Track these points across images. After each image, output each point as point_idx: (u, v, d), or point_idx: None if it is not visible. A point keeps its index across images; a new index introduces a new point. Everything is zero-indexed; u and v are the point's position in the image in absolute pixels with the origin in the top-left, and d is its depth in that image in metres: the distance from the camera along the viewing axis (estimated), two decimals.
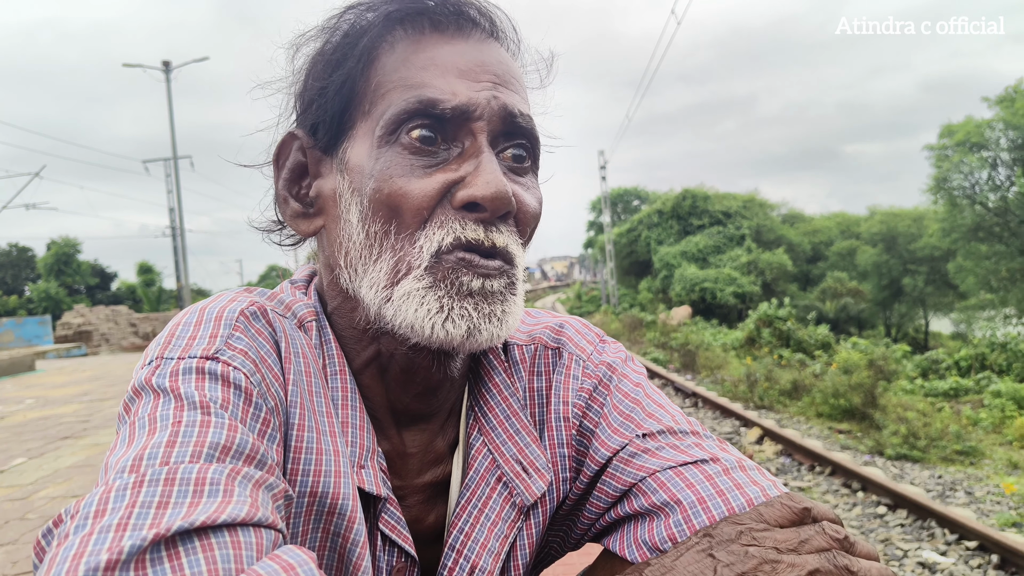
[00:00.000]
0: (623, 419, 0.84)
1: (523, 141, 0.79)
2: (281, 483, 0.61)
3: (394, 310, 0.72)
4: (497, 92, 0.75)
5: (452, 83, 0.73)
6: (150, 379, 0.65)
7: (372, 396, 0.82)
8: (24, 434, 8.31)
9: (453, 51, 0.75)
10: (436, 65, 0.74)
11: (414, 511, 0.84)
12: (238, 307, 0.74)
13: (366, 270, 0.74)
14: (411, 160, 0.72)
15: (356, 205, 0.75)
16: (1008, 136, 26.44)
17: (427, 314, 0.71)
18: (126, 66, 30.08)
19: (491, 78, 0.76)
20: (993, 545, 4.70)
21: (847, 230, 41.29)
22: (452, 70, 0.74)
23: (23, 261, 57.56)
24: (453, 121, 0.73)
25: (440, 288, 0.71)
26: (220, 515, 0.51)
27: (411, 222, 0.72)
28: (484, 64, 0.76)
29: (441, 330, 0.71)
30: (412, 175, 0.72)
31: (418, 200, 0.71)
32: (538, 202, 0.80)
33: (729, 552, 0.62)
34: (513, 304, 0.76)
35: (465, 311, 0.71)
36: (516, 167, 0.78)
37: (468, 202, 0.71)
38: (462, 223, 0.72)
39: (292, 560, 0.50)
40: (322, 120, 0.79)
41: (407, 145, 0.72)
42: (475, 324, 0.72)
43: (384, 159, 0.73)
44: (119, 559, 0.47)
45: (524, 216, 0.77)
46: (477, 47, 0.77)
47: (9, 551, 4.31)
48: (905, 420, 8.65)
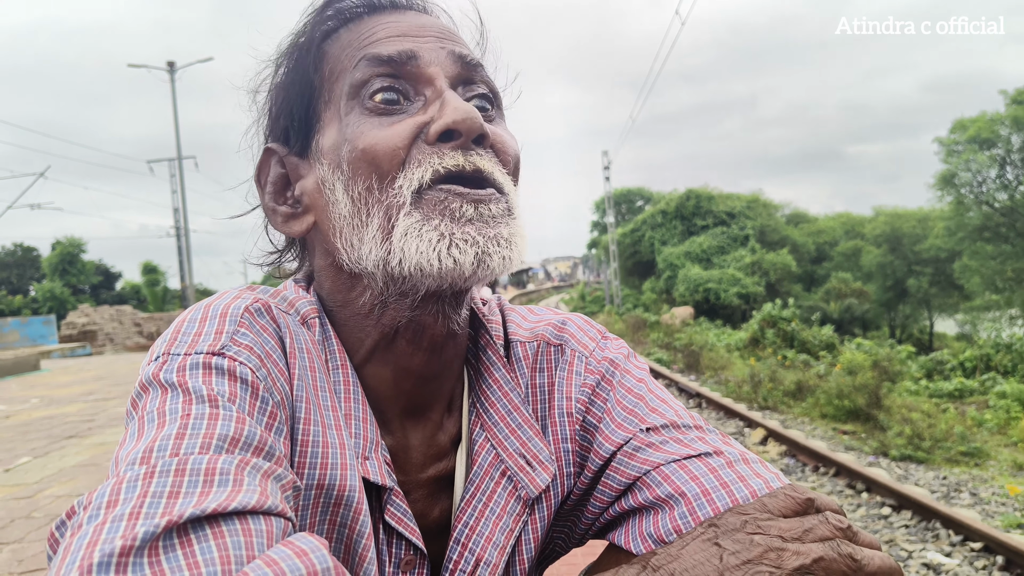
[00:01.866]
0: (626, 414, 0.84)
1: (483, 90, 0.81)
2: (289, 474, 0.62)
3: (398, 256, 0.72)
4: (442, 44, 0.78)
5: (395, 40, 0.77)
6: (157, 374, 0.66)
7: (376, 387, 0.82)
8: (29, 433, 8.35)
9: (391, 21, 0.80)
10: (376, 32, 0.78)
11: (418, 505, 0.84)
12: (242, 304, 0.75)
13: (361, 236, 0.75)
14: (379, 119, 0.74)
15: (339, 180, 0.76)
16: (1020, 134, 26.36)
17: (430, 245, 0.70)
18: (131, 66, 30.19)
19: (434, 34, 0.79)
20: (998, 546, 4.68)
21: (851, 231, 41.24)
22: (394, 32, 0.78)
23: (28, 261, 57.78)
24: (406, 71, 0.75)
25: (434, 217, 0.71)
26: (231, 503, 0.52)
27: (389, 168, 0.73)
28: (424, 26, 0.80)
29: (448, 258, 0.70)
30: (382, 126, 0.74)
31: (392, 142, 0.73)
32: (512, 139, 0.81)
33: (734, 541, 0.62)
34: (517, 228, 0.75)
35: (468, 235, 0.71)
36: (482, 115, 0.78)
37: (441, 132, 0.72)
38: (439, 155, 0.72)
39: (305, 546, 0.51)
40: (291, 125, 0.82)
41: (371, 108, 0.75)
42: (482, 248, 0.71)
43: (352, 123, 0.75)
44: (133, 545, 0.47)
45: (502, 147, 0.78)
46: (415, 17, 0.82)
47: (15, 549, 4.32)
48: (910, 421, 8.63)
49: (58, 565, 0.48)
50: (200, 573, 0.47)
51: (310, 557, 0.50)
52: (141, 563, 0.47)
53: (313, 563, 0.50)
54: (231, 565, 0.49)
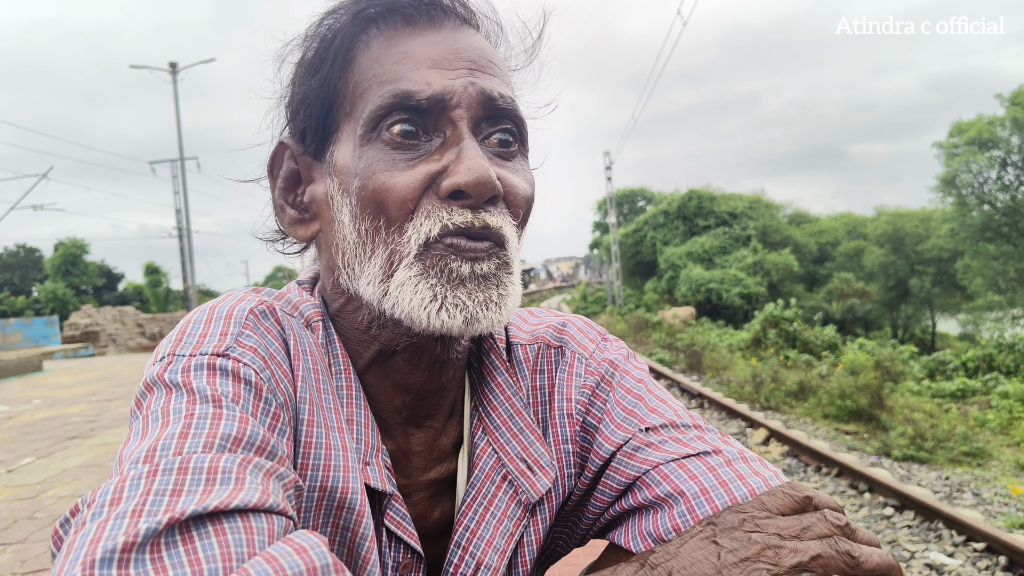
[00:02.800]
0: (626, 414, 0.85)
1: (507, 125, 0.79)
2: (292, 474, 0.62)
3: (392, 302, 0.73)
4: (474, 78, 0.75)
5: (426, 74, 0.74)
6: (162, 375, 0.67)
7: (377, 395, 0.83)
8: (32, 434, 8.36)
9: (425, 42, 0.76)
10: (409, 58, 0.75)
11: (419, 508, 0.85)
12: (248, 306, 0.75)
13: (362, 268, 0.75)
14: (393, 155, 0.73)
15: (347, 205, 0.75)
16: (1021, 135, 26.31)
17: (421, 303, 0.71)
18: (133, 67, 30.23)
19: (466, 64, 0.76)
20: (1001, 547, 4.68)
21: (854, 231, 41.17)
22: (425, 61, 0.74)
23: (30, 262, 57.88)
24: (431, 111, 0.73)
25: (431, 276, 0.72)
26: (232, 501, 0.52)
27: (397, 215, 0.72)
28: (458, 51, 0.76)
29: (437, 319, 0.71)
30: (395, 169, 0.72)
31: (402, 192, 0.72)
32: (529, 184, 0.80)
33: (732, 539, 0.63)
34: (509, 286, 0.76)
35: (459, 300, 0.72)
36: (503, 152, 0.78)
37: (452, 191, 0.72)
38: (448, 211, 0.72)
39: (304, 543, 0.51)
40: (309, 126, 0.80)
41: (388, 141, 0.73)
42: (472, 313, 0.72)
43: (367, 157, 0.74)
44: (135, 542, 0.48)
45: (514, 199, 0.77)
46: (451, 35, 0.78)
47: (18, 550, 4.33)
48: (912, 421, 8.62)
49: (62, 561, 0.49)
50: (201, 569, 0.48)
51: (309, 554, 0.50)
52: (143, 559, 0.48)
53: (312, 559, 0.50)
54: (232, 562, 0.49)
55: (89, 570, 0.46)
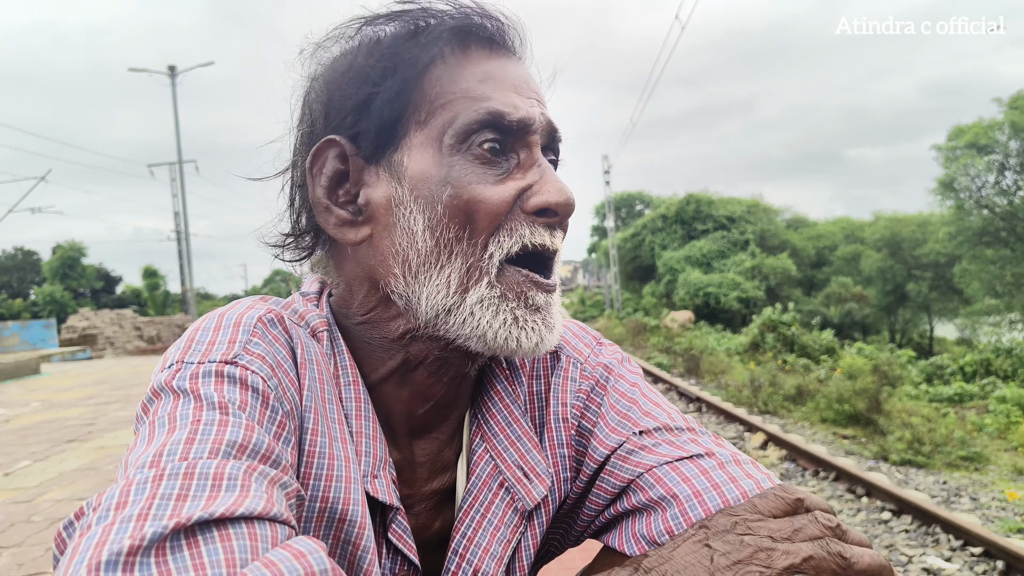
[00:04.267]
0: (620, 418, 0.86)
1: (553, 157, 0.85)
2: (295, 483, 0.63)
3: (463, 317, 0.76)
4: (543, 108, 0.81)
5: (511, 97, 0.78)
6: (170, 381, 0.67)
7: (391, 405, 0.83)
8: (29, 437, 8.34)
9: (500, 67, 0.80)
10: (493, 80, 0.78)
11: (421, 518, 0.85)
12: (256, 314, 0.76)
13: (429, 277, 0.76)
14: (483, 169, 0.76)
15: (422, 213, 0.75)
16: (1018, 140, 26.37)
17: (503, 324, 0.76)
18: (132, 70, 30.26)
19: (534, 95, 0.81)
20: (998, 551, 4.68)
21: (851, 235, 41.21)
22: (508, 85, 0.79)
23: (28, 265, 57.81)
24: (515, 133, 0.77)
25: (511, 300, 0.77)
26: (238, 508, 0.53)
27: (485, 227, 0.75)
28: (527, 81, 0.82)
29: (513, 340, 0.76)
30: (486, 182, 0.76)
31: (496, 206, 0.75)
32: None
33: (725, 542, 0.63)
34: (559, 313, 0.83)
35: (536, 324, 0.78)
36: None
37: (541, 208, 0.76)
38: (532, 228, 0.77)
39: (303, 548, 0.52)
40: (367, 129, 0.78)
41: (478, 155, 0.76)
42: (542, 337, 0.78)
43: (458, 167, 0.75)
44: (141, 545, 0.48)
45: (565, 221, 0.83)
46: (516, 64, 0.83)
47: (15, 553, 4.32)
48: (910, 426, 8.62)
49: (66, 564, 0.49)
50: (205, 574, 0.48)
51: (308, 559, 0.51)
52: (148, 562, 0.48)
53: (311, 564, 0.51)
54: (236, 568, 0.49)
55: (94, 572, 0.46)
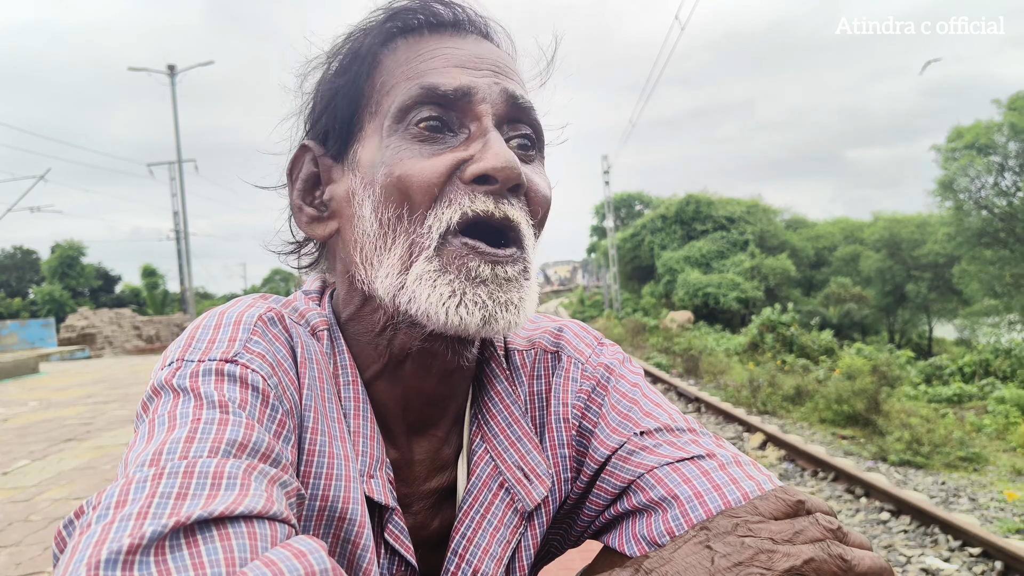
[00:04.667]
0: (621, 418, 0.86)
1: (527, 131, 0.80)
2: (294, 482, 0.63)
3: (409, 296, 0.74)
4: (497, 79, 0.78)
5: (451, 72, 0.76)
6: (170, 380, 0.67)
7: (385, 403, 0.83)
8: (27, 436, 8.34)
9: (451, 46, 0.79)
10: (436, 58, 0.77)
11: (419, 517, 0.85)
12: (256, 312, 0.75)
13: (380, 260, 0.76)
14: (420, 146, 0.74)
15: (369, 198, 0.76)
16: (1018, 141, 26.38)
17: (440, 299, 0.72)
18: (132, 70, 30.24)
19: (491, 67, 0.79)
20: (997, 552, 4.68)
21: (851, 235, 41.22)
22: (452, 61, 0.77)
23: (27, 264, 57.77)
24: (457, 105, 0.75)
25: (450, 272, 0.72)
26: (237, 507, 0.53)
27: (421, 200, 0.73)
28: (483, 57, 0.79)
29: (455, 316, 0.72)
30: (421, 156, 0.74)
31: (428, 177, 0.73)
32: (548, 187, 0.82)
33: (726, 543, 0.63)
34: (528, 290, 0.76)
35: (479, 298, 0.72)
36: (522, 155, 0.80)
37: (478, 175, 0.72)
38: (471, 196, 0.73)
39: (303, 547, 0.52)
40: (331, 128, 0.81)
41: (415, 133, 0.75)
42: (490, 312, 0.72)
43: (393, 146, 0.75)
44: (140, 544, 0.48)
45: (535, 196, 0.78)
46: (474, 45, 0.81)
47: (12, 553, 4.32)
48: (908, 426, 8.63)
49: (66, 562, 0.49)
50: (205, 573, 0.48)
51: (308, 558, 0.51)
52: (148, 561, 0.48)
53: (311, 564, 0.50)
54: (235, 567, 0.49)
55: (94, 571, 0.46)
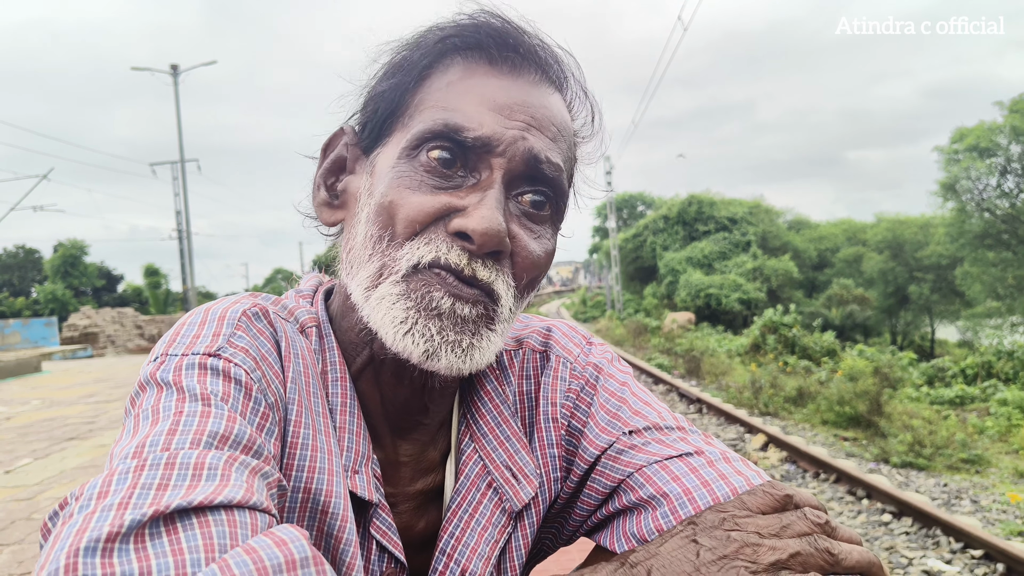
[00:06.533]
0: (610, 417, 0.86)
1: (546, 190, 0.78)
2: (276, 473, 0.63)
3: (368, 311, 0.75)
4: (528, 134, 0.75)
5: (483, 114, 0.74)
6: (155, 374, 0.68)
7: (369, 402, 0.84)
8: (30, 435, 8.35)
9: (497, 86, 0.77)
10: (474, 95, 0.76)
11: (405, 517, 0.85)
12: (241, 308, 0.76)
13: (359, 269, 0.77)
14: (423, 177, 0.74)
15: (368, 207, 0.78)
16: (1020, 143, 26.33)
17: (391, 321, 0.73)
18: (135, 69, 30.30)
19: (526, 119, 0.76)
20: (999, 554, 4.67)
21: (853, 237, 41.18)
22: (488, 103, 0.75)
23: (30, 263, 57.88)
24: (473, 151, 0.74)
25: (410, 299, 0.73)
26: (217, 496, 0.53)
27: (402, 232, 0.74)
28: (524, 104, 0.76)
29: (401, 341, 0.72)
30: (418, 190, 0.74)
31: (412, 213, 0.73)
32: (545, 253, 0.79)
33: (712, 537, 0.63)
34: (486, 340, 0.75)
35: (428, 330, 0.72)
36: (532, 213, 0.78)
37: (459, 231, 0.72)
38: (448, 246, 0.72)
39: (284, 536, 0.52)
40: (369, 122, 0.83)
41: (424, 163, 0.75)
42: (435, 347, 0.72)
43: (399, 169, 0.75)
44: (119, 532, 0.49)
45: (522, 261, 0.77)
46: (525, 88, 0.78)
47: (15, 551, 4.33)
48: (911, 428, 8.62)
49: (48, 551, 0.50)
50: (184, 560, 0.49)
51: (289, 546, 0.51)
52: (127, 548, 0.48)
53: (292, 552, 0.51)
54: (214, 553, 0.50)
55: (73, 558, 0.47)
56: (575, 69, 0.84)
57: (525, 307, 0.83)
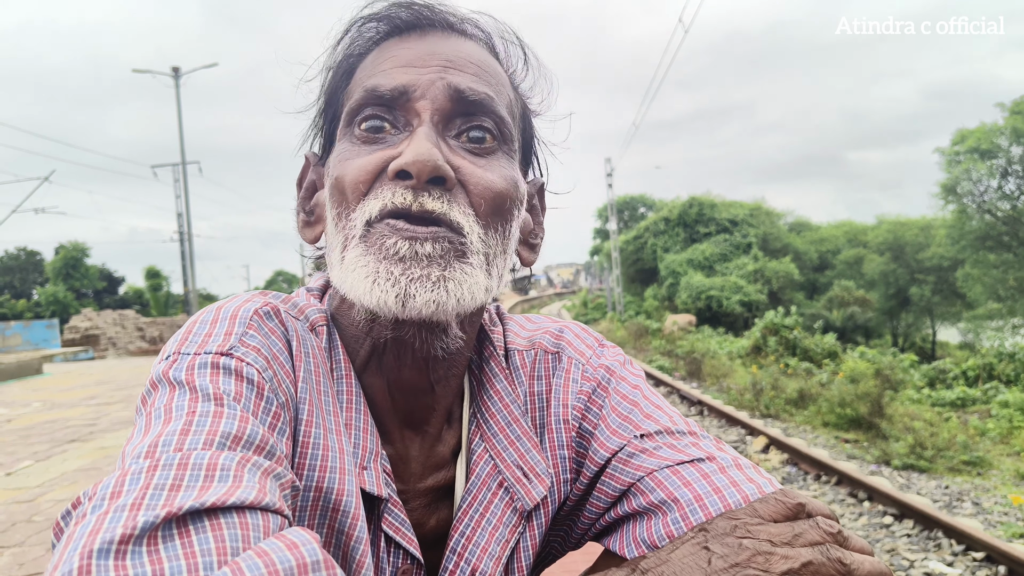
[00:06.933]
0: (621, 420, 0.86)
1: (485, 122, 0.79)
2: (289, 473, 0.63)
3: (342, 282, 0.76)
4: (445, 73, 0.77)
5: (396, 72, 0.78)
6: (167, 372, 0.68)
7: (373, 396, 0.84)
8: (31, 437, 8.35)
9: (405, 47, 0.81)
10: (386, 60, 0.80)
11: (416, 515, 0.85)
12: (252, 307, 0.76)
13: (334, 257, 0.79)
14: (360, 147, 0.78)
15: (329, 200, 0.81)
16: (1020, 145, 26.31)
17: (360, 279, 0.73)
18: (136, 72, 30.33)
19: (441, 63, 0.78)
20: (1000, 556, 4.67)
21: (854, 239, 41.16)
22: (400, 61, 0.79)
23: (31, 265, 57.91)
24: (396, 104, 0.77)
25: (370, 253, 0.74)
26: (230, 498, 0.53)
27: (353, 198, 0.76)
28: (435, 52, 0.80)
29: (371, 295, 0.72)
30: (357, 157, 0.77)
31: (356, 176, 0.76)
32: (501, 178, 0.78)
33: (723, 545, 0.63)
34: (460, 271, 0.74)
35: (391, 275, 0.72)
36: (475, 147, 0.78)
37: (397, 171, 0.73)
38: (392, 191, 0.74)
39: (296, 539, 0.52)
40: (321, 138, 0.88)
41: (358, 135, 0.78)
42: (403, 288, 0.71)
43: (340, 149, 0.80)
44: (132, 534, 0.49)
45: (474, 187, 0.76)
46: (434, 42, 0.81)
47: (16, 553, 4.32)
48: (912, 430, 8.61)
49: (60, 552, 0.49)
50: (196, 563, 0.49)
51: (300, 550, 0.51)
52: (140, 551, 0.48)
53: (303, 555, 0.51)
54: (226, 556, 0.50)
55: (87, 560, 0.47)
56: (492, 22, 0.87)
57: (504, 240, 0.80)
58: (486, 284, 0.77)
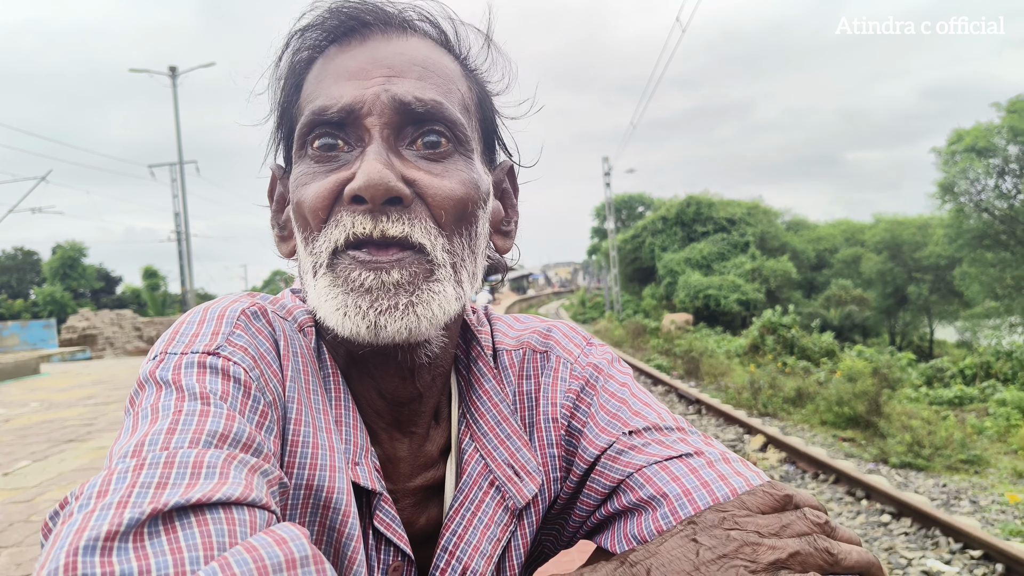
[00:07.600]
0: (610, 418, 0.86)
1: (435, 127, 0.77)
2: (276, 471, 0.63)
3: (316, 307, 0.77)
4: (389, 84, 0.76)
5: (341, 87, 0.76)
6: (154, 372, 0.68)
7: (364, 397, 0.84)
8: (28, 437, 8.34)
9: (348, 57, 0.79)
10: (329, 74, 0.79)
11: (406, 514, 0.85)
12: (240, 307, 0.77)
13: (307, 279, 0.79)
14: (315, 168, 0.77)
15: (295, 223, 0.81)
16: (1017, 144, 26.36)
17: (331, 311, 0.74)
18: (133, 71, 30.30)
19: (384, 72, 0.77)
20: (998, 554, 4.68)
21: (852, 238, 41.22)
22: (343, 74, 0.77)
23: (28, 265, 57.80)
24: (346, 123, 0.76)
25: (338, 285, 0.74)
26: (215, 494, 0.54)
27: (315, 224, 0.76)
28: (377, 60, 0.78)
29: (343, 327, 0.73)
30: (313, 181, 0.76)
31: (313, 202, 0.75)
32: (459, 183, 0.77)
33: (711, 536, 0.64)
34: (428, 292, 0.74)
35: (359, 307, 0.72)
36: (430, 154, 0.77)
37: (352, 196, 0.73)
38: (352, 219, 0.73)
39: (285, 534, 0.52)
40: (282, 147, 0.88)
41: (312, 155, 0.78)
42: (372, 321, 0.72)
43: (295, 172, 0.79)
44: (118, 531, 0.49)
45: (434, 200, 0.75)
46: (376, 46, 0.79)
47: (13, 554, 4.32)
48: (909, 428, 8.63)
49: (48, 549, 0.50)
50: (183, 558, 0.49)
51: (289, 545, 0.51)
52: (126, 547, 0.49)
53: (292, 550, 0.51)
54: (213, 551, 0.50)
55: (72, 557, 0.47)
56: (436, 6, 0.85)
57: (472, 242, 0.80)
58: (455, 293, 0.77)
